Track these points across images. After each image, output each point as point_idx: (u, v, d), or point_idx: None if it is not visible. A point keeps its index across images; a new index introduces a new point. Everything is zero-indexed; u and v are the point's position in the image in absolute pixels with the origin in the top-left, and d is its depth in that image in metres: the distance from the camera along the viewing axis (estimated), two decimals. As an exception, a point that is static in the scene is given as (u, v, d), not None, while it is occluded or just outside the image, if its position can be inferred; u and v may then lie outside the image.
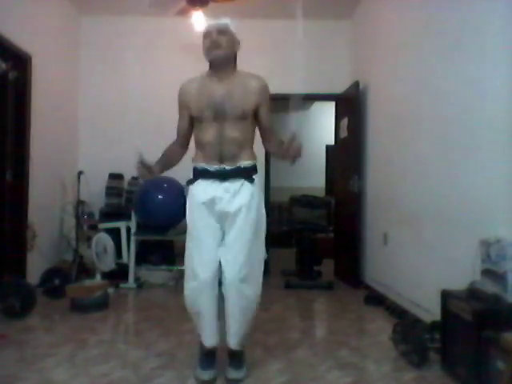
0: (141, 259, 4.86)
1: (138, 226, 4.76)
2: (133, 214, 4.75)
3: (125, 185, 5.25)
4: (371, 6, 4.81)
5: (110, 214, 5.04)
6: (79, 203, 4.87)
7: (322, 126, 8.44)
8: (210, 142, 2.35)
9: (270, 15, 5.41)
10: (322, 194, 7.59)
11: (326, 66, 5.56)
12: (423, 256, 3.31)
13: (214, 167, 2.37)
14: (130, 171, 5.06)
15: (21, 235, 4.16)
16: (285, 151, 2.27)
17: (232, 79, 2.38)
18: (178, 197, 4.31)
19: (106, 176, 5.20)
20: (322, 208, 5.08)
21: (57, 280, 4.07)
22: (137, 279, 4.73)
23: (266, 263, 5.53)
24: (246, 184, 2.37)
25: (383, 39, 4.42)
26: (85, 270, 4.67)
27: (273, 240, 5.80)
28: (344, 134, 5.29)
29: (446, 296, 2.45)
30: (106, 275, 4.47)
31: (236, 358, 2.45)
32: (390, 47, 4.22)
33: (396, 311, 3.58)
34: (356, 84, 4.93)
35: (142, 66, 5.48)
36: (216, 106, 2.32)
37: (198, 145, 2.43)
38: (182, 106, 2.45)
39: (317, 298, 4.46)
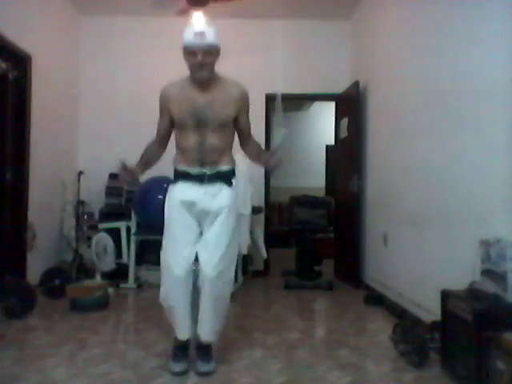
0: (141, 259, 4.86)
1: (138, 226, 4.76)
2: (133, 214, 4.75)
3: (125, 185, 5.25)
4: (371, 6, 4.81)
5: (110, 213, 5.04)
6: (79, 203, 4.87)
7: (321, 126, 8.44)
8: (191, 147, 2.44)
9: (270, 15, 5.41)
10: (322, 194, 7.59)
11: (326, 65, 5.56)
12: (423, 256, 3.31)
13: (194, 170, 2.46)
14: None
15: (21, 235, 4.16)
16: (264, 162, 2.49)
17: (213, 87, 2.44)
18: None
19: (106, 176, 5.20)
20: (322, 208, 5.08)
21: (57, 280, 4.07)
22: (137, 279, 4.73)
23: (266, 263, 5.58)
24: (225, 187, 2.49)
25: (383, 39, 4.42)
26: (85, 270, 4.67)
27: (273, 240, 5.82)
28: (344, 134, 5.29)
29: (446, 296, 2.45)
30: (106, 275, 4.47)
31: (205, 351, 2.54)
32: (390, 47, 4.22)
33: (396, 311, 3.58)
34: (356, 84, 4.93)
35: (142, 65, 5.49)
36: (198, 115, 2.40)
37: (179, 149, 2.52)
38: (163, 109, 2.53)
39: (317, 298, 4.46)
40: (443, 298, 2.47)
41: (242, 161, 2.82)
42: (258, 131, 2.66)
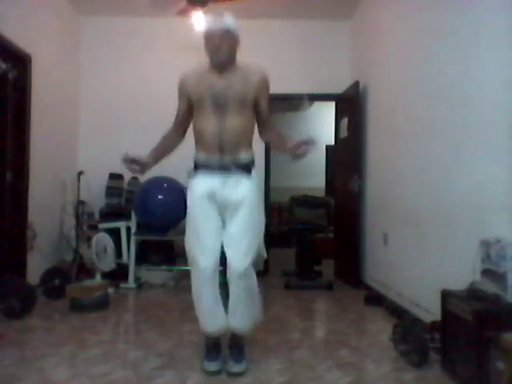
0: (141, 259, 4.86)
1: (138, 226, 4.76)
2: (133, 214, 4.75)
3: (125, 185, 5.25)
4: (371, 7, 4.81)
5: (109, 213, 5.04)
6: (79, 203, 4.87)
7: (321, 126, 8.43)
8: (210, 131, 2.40)
9: (270, 15, 5.41)
10: (322, 194, 7.59)
11: (326, 66, 5.57)
12: (423, 256, 3.31)
13: (214, 159, 2.43)
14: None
15: (21, 235, 4.16)
16: (291, 149, 2.32)
17: (232, 72, 2.44)
18: (178, 197, 4.31)
19: (106, 176, 5.20)
20: (322, 208, 5.07)
21: (57, 280, 4.07)
22: (137, 279, 4.72)
23: (266, 263, 5.57)
24: (245, 178, 2.45)
25: (383, 39, 4.42)
26: (85, 269, 4.67)
27: (273, 240, 5.82)
28: (344, 134, 5.29)
29: (446, 296, 2.45)
30: (106, 275, 4.47)
31: (237, 351, 2.53)
32: (389, 47, 4.22)
33: (396, 311, 3.58)
34: (356, 84, 4.93)
35: (142, 65, 5.49)
36: (216, 96, 2.38)
37: (198, 136, 2.48)
38: (182, 93, 2.52)
39: (317, 298, 4.46)
40: (443, 298, 2.47)
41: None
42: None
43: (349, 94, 5.11)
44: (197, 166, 2.51)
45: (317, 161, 8.59)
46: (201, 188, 2.45)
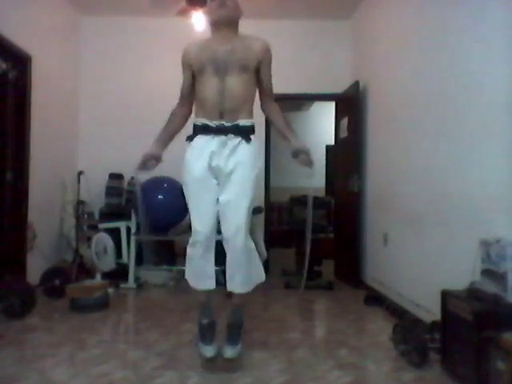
0: (141, 259, 4.86)
1: (138, 226, 4.76)
2: (133, 214, 4.75)
3: (125, 185, 5.25)
4: (371, 6, 4.81)
5: (110, 213, 5.04)
6: (79, 203, 4.87)
7: (321, 126, 8.44)
8: (211, 96, 2.41)
9: (270, 15, 5.41)
10: (322, 194, 7.59)
11: (326, 66, 5.56)
12: (423, 256, 3.31)
13: (213, 122, 2.42)
14: (129, 171, 5.06)
15: (21, 235, 4.16)
16: (296, 152, 2.65)
17: (234, 40, 2.46)
18: (178, 197, 4.30)
19: (106, 176, 5.20)
20: (322, 208, 5.07)
21: (57, 280, 4.07)
22: (137, 279, 4.72)
23: (266, 263, 5.57)
24: (243, 143, 2.44)
25: (383, 39, 4.42)
26: (85, 269, 4.67)
27: (273, 240, 5.82)
28: (344, 134, 5.29)
29: (445, 296, 2.45)
30: (106, 275, 4.47)
31: (234, 330, 2.53)
32: (389, 47, 4.22)
33: (396, 311, 3.58)
34: (356, 84, 4.93)
35: (142, 66, 5.49)
36: (218, 60, 2.40)
37: (199, 100, 2.49)
38: (185, 65, 2.53)
39: (317, 298, 4.46)
40: (443, 298, 2.47)
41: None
42: (258, 130, 2.64)
43: (349, 94, 5.11)
44: (196, 130, 2.49)
45: (317, 161, 8.57)
46: (199, 151, 2.44)
